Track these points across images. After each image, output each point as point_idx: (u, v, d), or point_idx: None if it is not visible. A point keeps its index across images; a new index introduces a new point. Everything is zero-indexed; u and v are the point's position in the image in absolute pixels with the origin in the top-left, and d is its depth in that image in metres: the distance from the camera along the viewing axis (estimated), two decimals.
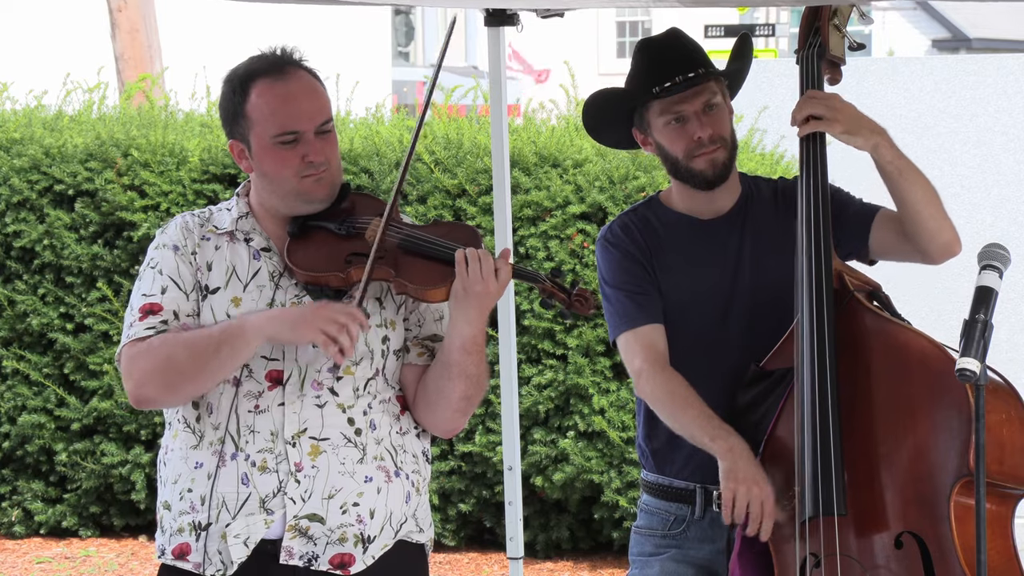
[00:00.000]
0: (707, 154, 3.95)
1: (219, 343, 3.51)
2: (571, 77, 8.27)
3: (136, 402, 3.58)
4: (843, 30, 4.01)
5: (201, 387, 3.57)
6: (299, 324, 3.49)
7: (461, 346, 3.59)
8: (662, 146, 3.99)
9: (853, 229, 3.98)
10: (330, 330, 3.45)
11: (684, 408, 3.89)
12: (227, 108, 3.64)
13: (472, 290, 3.54)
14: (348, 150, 7.86)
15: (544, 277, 3.63)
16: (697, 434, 3.86)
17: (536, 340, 7.57)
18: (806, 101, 3.89)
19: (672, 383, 3.92)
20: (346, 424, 3.61)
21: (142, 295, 3.62)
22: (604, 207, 7.50)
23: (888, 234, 3.97)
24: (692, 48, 4.00)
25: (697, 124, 3.94)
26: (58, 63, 11.68)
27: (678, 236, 4.03)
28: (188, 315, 3.60)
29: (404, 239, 3.61)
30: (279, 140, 3.58)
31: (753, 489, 3.74)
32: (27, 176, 8.07)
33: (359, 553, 3.61)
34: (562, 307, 3.64)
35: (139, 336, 3.57)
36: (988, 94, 8.82)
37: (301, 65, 3.65)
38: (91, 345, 7.96)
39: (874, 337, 3.79)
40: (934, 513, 3.65)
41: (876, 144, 3.85)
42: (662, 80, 3.93)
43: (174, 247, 3.65)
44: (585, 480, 7.52)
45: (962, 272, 4.61)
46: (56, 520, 8.15)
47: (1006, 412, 3.66)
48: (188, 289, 3.61)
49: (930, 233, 3.89)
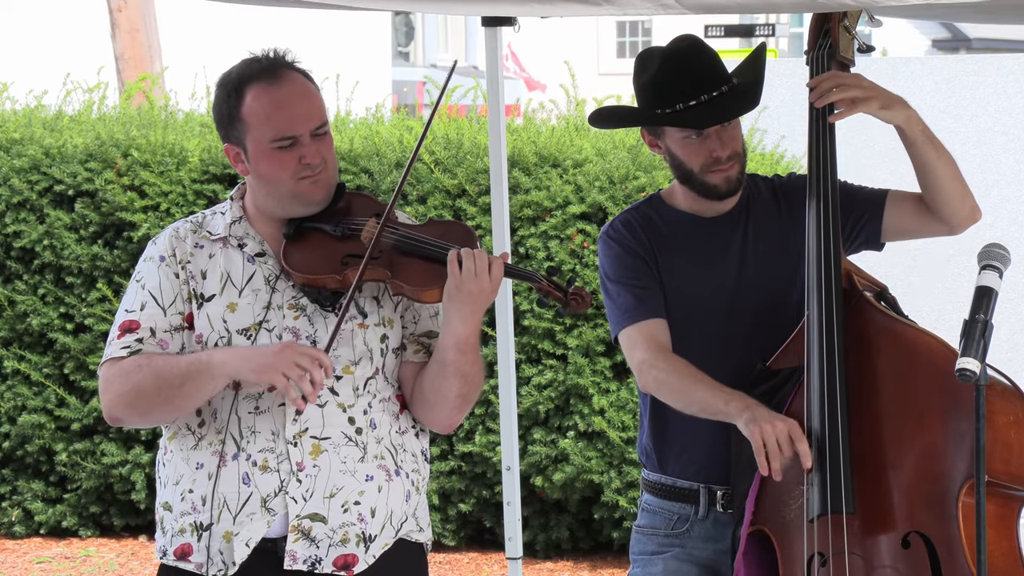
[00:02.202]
0: (723, 171, 3.94)
1: (184, 378, 3.52)
2: (571, 77, 8.27)
3: (109, 421, 3.64)
4: (852, 31, 4.01)
5: (170, 416, 3.61)
6: (262, 368, 3.48)
7: (455, 345, 3.59)
8: (675, 155, 3.97)
9: (866, 213, 3.99)
10: (292, 375, 3.45)
11: (693, 384, 3.87)
12: (221, 112, 3.64)
13: (465, 289, 3.54)
14: (348, 150, 7.86)
15: (539, 276, 3.62)
16: (711, 404, 3.83)
17: (536, 340, 7.57)
18: (836, 78, 3.87)
19: (677, 364, 3.90)
20: (347, 423, 3.62)
21: (124, 311, 3.65)
22: (604, 207, 7.50)
23: (904, 213, 4.00)
24: (713, 60, 3.95)
25: (717, 142, 3.92)
26: (58, 63, 11.68)
27: (681, 234, 4.03)
28: (165, 331, 3.61)
29: (400, 240, 3.61)
30: (276, 145, 3.58)
31: (777, 423, 3.71)
32: (27, 176, 8.07)
33: (361, 553, 3.62)
34: (559, 306, 3.64)
35: (115, 356, 3.60)
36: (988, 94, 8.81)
37: (294, 67, 3.64)
38: (91, 345, 7.96)
39: (883, 336, 3.79)
40: (942, 513, 3.65)
41: (909, 116, 3.88)
42: (686, 99, 3.89)
43: (160, 257, 3.66)
44: (585, 480, 7.52)
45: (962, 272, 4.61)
46: (56, 520, 8.15)
47: (1013, 414, 3.66)
48: (167, 304, 3.63)
49: (957, 201, 3.94)
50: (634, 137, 7.83)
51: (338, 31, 21.65)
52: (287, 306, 3.63)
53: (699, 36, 4.03)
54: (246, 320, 3.62)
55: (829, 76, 3.90)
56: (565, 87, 8.33)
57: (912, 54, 27.19)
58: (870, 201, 4.01)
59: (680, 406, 3.91)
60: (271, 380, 3.47)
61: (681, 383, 3.88)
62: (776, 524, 3.79)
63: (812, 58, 3.98)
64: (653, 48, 4.02)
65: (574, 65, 8.42)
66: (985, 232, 4.03)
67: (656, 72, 3.93)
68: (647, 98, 3.96)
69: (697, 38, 4.00)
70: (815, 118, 3.93)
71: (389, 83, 26.56)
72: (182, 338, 3.63)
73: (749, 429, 3.73)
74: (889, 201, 4.01)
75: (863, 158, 3.98)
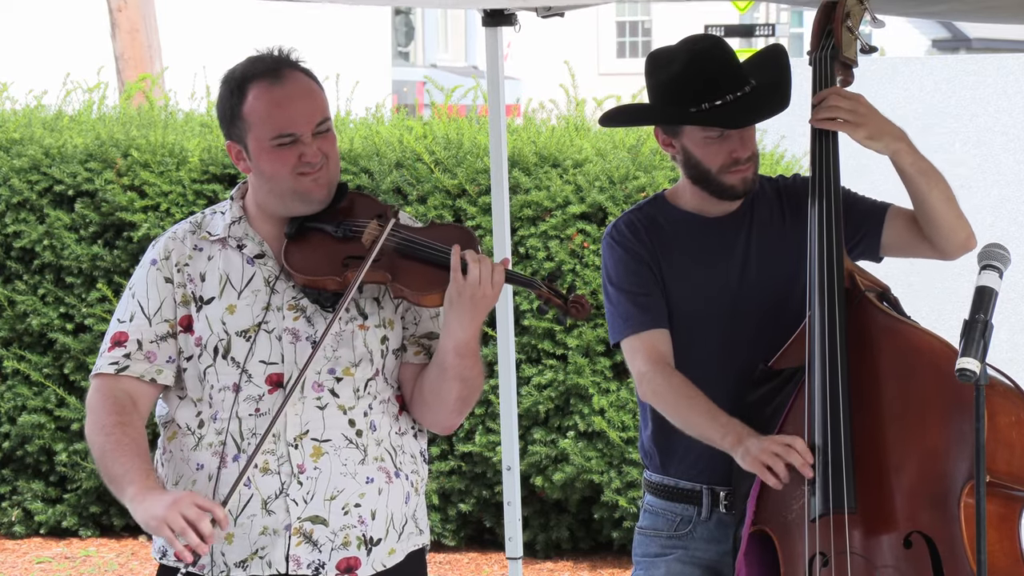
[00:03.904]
0: (741, 172, 3.94)
1: (110, 480, 3.55)
2: (571, 77, 8.27)
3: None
4: (855, 32, 4.00)
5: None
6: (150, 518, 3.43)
7: (455, 349, 3.58)
8: (692, 154, 3.95)
9: (865, 227, 3.98)
10: (175, 526, 3.39)
11: (690, 407, 3.88)
12: (224, 110, 3.64)
13: (467, 295, 3.53)
14: (348, 150, 7.86)
15: (540, 283, 3.60)
16: (707, 432, 3.86)
17: (536, 340, 7.57)
18: (833, 99, 3.87)
19: (676, 382, 3.91)
20: (347, 425, 3.61)
21: (117, 320, 3.67)
22: (604, 207, 7.50)
23: (901, 231, 3.99)
24: (736, 60, 3.95)
25: (738, 142, 3.92)
26: (58, 63, 11.68)
27: (685, 234, 4.02)
28: (152, 341, 3.62)
29: (401, 243, 3.60)
30: (276, 142, 3.58)
31: (769, 446, 3.73)
32: (27, 176, 8.07)
33: (363, 556, 3.61)
34: (559, 312, 3.64)
35: (104, 371, 3.62)
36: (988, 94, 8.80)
37: (297, 66, 3.64)
38: (91, 345, 7.96)
39: (885, 337, 3.79)
40: (945, 514, 3.64)
41: (896, 150, 3.86)
42: (713, 98, 3.89)
43: (151, 261, 3.67)
44: (585, 480, 7.52)
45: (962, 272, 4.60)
46: (56, 520, 8.15)
47: (1015, 415, 3.66)
48: (152, 313, 3.64)
49: (949, 231, 3.92)
50: (634, 137, 7.83)
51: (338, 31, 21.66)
52: (287, 307, 3.63)
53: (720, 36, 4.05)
54: (245, 322, 3.62)
55: (831, 93, 3.89)
56: (565, 87, 8.33)
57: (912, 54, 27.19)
58: (870, 216, 4.00)
59: (678, 425, 3.94)
60: (156, 531, 3.45)
61: (677, 404, 3.91)
62: (778, 524, 3.79)
63: (815, 59, 3.98)
64: (668, 47, 4.00)
65: (574, 65, 8.42)
66: (985, 232, 4.02)
67: (682, 70, 3.91)
68: (669, 96, 3.94)
69: (719, 38, 4.01)
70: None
71: (389, 83, 26.58)
72: (171, 346, 3.63)
73: (747, 463, 3.77)
74: (888, 218, 4.00)
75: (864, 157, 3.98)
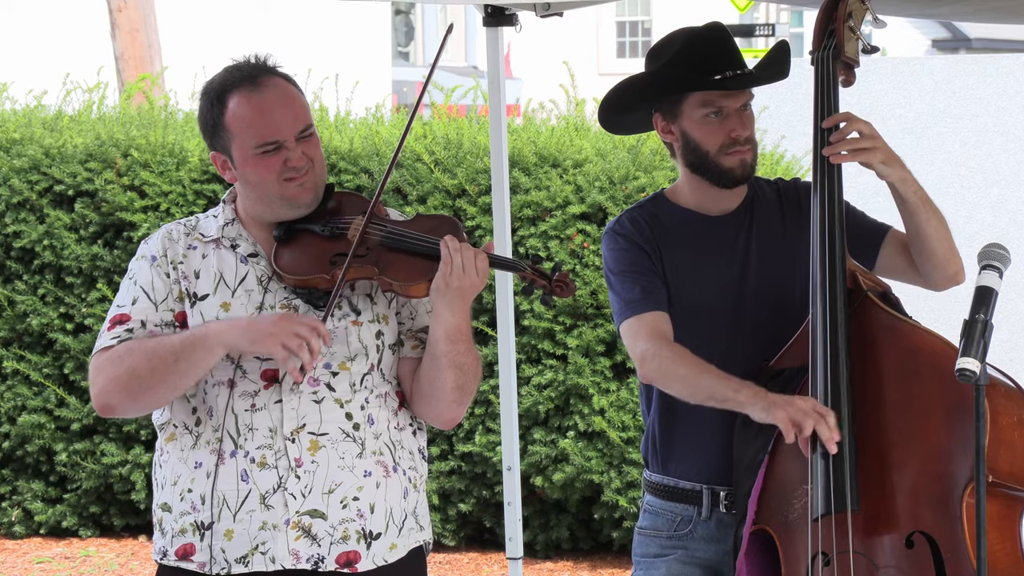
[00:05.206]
0: (739, 153, 3.94)
1: (178, 354, 3.51)
2: (571, 77, 8.27)
3: (100, 410, 3.61)
4: (857, 32, 4.01)
5: (162, 398, 3.59)
6: (259, 337, 3.48)
7: (446, 335, 3.60)
8: (691, 137, 3.96)
9: (863, 244, 3.99)
10: (291, 344, 3.45)
11: (699, 372, 3.84)
12: (206, 121, 3.66)
13: (453, 284, 3.56)
14: (348, 150, 7.86)
15: (524, 265, 3.63)
16: (719, 392, 3.81)
17: (536, 340, 7.57)
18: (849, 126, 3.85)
19: (682, 351, 3.88)
20: (344, 419, 3.62)
21: (116, 306, 3.67)
22: (604, 207, 7.50)
23: (896, 256, 4.00)
24: (735, 44, 4.01)
25: (738, 121, 3.93)
26: (58, 63, 11.69)
27: (686, 232, 4.02)
28: (156, 324, 3.62)
29: (386, 236, 3.63)
30: (260, 150, 3.59)
31: (796, 402, 3.70)
32: (27, 176, 8.07)
33: (363, 550, 3.62)
34: (543, 293, 3.65)
35: (106, 346, 3.60)
36: (988, 94, 8.81)
37: (276, 72, 3.65)
38: (91, 345, 7.92)
39: (887, 337, 3.79)
40: (947, 514, 3.64)
41: (904, 177, 3.86)
42: (719, 70, 3.91)
43: (151, 258, 3.69)
44: (585, 480, 7.52)
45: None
46: (56, 520, 8.15)
47: (1017, 415, 3.66)
48: (159, 300, 3.64)
49: (940, 263, 3.92)
50: (634, 137, 7.83)
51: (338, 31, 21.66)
52: (279, 306, 3.64)
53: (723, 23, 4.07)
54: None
55: (850, 120, 3.88)
56: (565, 87, 8.33)
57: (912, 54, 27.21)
58: (869, 236, 4.02)
59: (686, 395, 3.88)
60: (268, 350, 3.47)
61: (687, 371, 3.86)
62: (779, 523, 3.79)
63: (817, 58, 3.98)
64: (669, 35, 4.04)
65: (573, 65, 8.42)
66: (985, 232, 4.03)
67: (683, 48, 3.96)
68: (670, 69, 3.96)
69: (719, 22, 4.05)
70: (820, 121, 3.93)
71: (389, 83, 26.57)
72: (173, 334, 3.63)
73: (771, 415, 3.70)
74: (886, 242, 4.01)
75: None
